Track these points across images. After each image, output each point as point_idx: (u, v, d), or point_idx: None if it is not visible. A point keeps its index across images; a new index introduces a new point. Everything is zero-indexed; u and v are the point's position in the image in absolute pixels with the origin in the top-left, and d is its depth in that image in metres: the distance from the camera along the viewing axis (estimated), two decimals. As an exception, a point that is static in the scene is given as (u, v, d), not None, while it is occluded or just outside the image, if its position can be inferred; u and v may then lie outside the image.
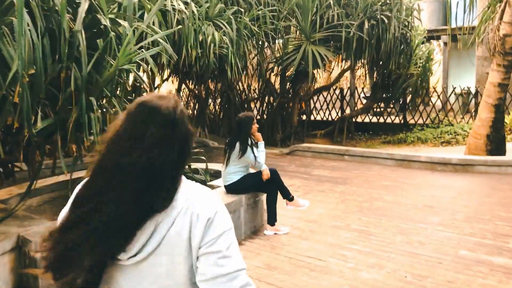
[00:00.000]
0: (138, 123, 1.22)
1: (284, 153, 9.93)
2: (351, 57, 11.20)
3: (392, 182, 7.19)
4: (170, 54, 5.12)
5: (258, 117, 14.94)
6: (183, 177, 1.30)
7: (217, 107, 15.84)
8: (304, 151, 9.67)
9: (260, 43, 10.73)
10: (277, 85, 13.98)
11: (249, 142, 4.94)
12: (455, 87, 14.00)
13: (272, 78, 14.12)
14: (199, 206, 1.25)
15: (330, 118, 15.15)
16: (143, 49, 4.68)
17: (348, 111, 15.28)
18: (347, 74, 16.47)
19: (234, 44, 8.47)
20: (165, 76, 11.23)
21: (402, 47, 11.81)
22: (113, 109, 4.34)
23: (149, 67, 4.86)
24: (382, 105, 14.41)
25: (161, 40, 4.58)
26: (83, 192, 1.25)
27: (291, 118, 12.94)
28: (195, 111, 15.81)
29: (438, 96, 14.33)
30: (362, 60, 11.82)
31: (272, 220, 4.99)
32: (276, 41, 11.55)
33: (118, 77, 4.35)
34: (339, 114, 14.89)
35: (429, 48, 13.47)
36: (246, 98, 14.89)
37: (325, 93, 15.31)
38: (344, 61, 13.27)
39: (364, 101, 15.22)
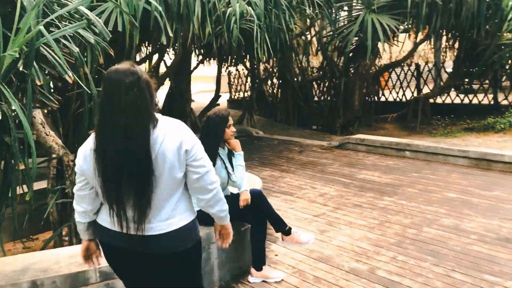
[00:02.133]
0: (112, 80, 1.85)
1: (333, 146, 8.27)
2: (421, 26, 9.09)
3: (459, 194, 5.34)
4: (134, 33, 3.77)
5: (316, 99, 13.28)
6: (160, 115, 1.95)
7: (274, 89, 14.36)
8: (356, 143, 7.95)
9: (307, 14, 9.01)
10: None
11: (225, 152, 3.50)
12: None
13: (335, 55, 12.34)
14: (183, 134, 1.94)
15: (404, 99, 13.04)
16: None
17: (426, 90, 13.00)
18: (422, 47, 14.12)
19: (261, 16, 6.92)
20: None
21: (490, 11, 9.45)
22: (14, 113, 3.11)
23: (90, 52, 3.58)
24: (466, 82, 12.02)
25: (87, 12, 3.22)
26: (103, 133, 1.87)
27: (352, 100, 11.12)
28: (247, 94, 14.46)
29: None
30: (438, 30, 9.62)
31: (258, 263, 3.53)
32: (331, 10, 9.72)
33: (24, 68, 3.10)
34: (415, 94, 12.75)
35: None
36: (305, 78, 13.25)
37: (398, 70, 13.19)
38: (421, 32, 11.12)
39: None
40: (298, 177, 6.50)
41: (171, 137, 1.89)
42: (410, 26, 9.71)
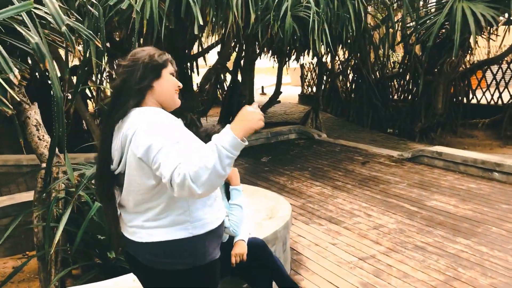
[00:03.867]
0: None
1: (404, 158, 6.98)
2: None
3: None
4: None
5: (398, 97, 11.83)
6: (147, 107, 1.79)
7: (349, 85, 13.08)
8: (432, 157, 6.60)
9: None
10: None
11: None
12: None
13: (419, 50, 10.83)
14: (132, 128, 1.69)
15: (500, 102, 11.16)
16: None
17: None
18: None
19: (321, 2, 5.82)
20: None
21: None
22: None
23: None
24: None
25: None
26: None
27: (435, 102, 9.61)
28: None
29: None
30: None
31: None
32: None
33: None
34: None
35: None
36: (384, 74, 11.85)
37: (495, 68, 11.34)
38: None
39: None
40: (353, 198, 5.37)
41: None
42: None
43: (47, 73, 2.71)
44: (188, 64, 8.72)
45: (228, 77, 10.68)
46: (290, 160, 7.34)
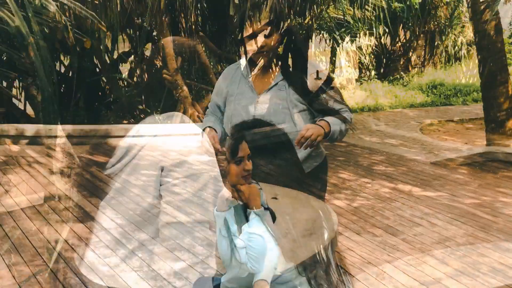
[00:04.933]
0: None
1: (474, 154, 6.12)
2: None
3: None
4: None
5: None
6: None
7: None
8: (509, 153, 5.74)
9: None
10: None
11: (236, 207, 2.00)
12: None
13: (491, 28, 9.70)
14: None
15: None
16: None
17: None
18: None
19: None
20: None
21: None
22: None
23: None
24: None
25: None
26: None
27: (506, 87, 8.54)
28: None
29: None
30: None
31: None
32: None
33: None
34: None
35: None
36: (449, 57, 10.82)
37: None
38: None
39: None
40: (414, 201, 4.66)
41: None
42: None
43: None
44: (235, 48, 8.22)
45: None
46: (343, 155, 6.67)
